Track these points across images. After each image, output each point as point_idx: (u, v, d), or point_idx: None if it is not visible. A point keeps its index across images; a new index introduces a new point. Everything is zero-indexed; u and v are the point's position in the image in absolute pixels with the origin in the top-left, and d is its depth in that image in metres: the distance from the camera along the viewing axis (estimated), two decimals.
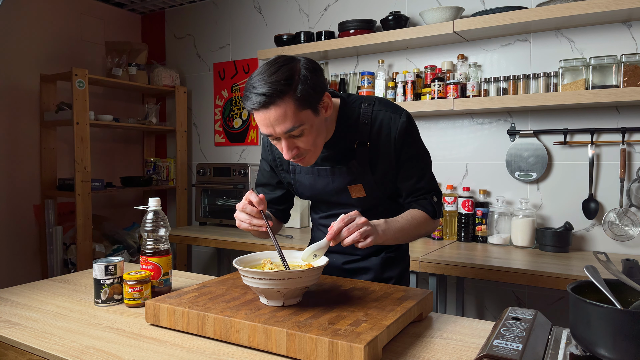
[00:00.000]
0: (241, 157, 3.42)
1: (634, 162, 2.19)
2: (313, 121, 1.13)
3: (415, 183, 1.31)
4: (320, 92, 1.13)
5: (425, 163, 1.33)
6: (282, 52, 2.88)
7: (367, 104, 1.29)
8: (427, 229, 1.32)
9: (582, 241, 2.30)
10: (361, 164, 1.28)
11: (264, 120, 1.10)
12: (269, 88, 1.06)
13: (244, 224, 1.18)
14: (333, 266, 1.46)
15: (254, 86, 1.08)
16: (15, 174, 3.05)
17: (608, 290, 0.81)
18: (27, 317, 1.18)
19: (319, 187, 1.35)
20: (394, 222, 1.22)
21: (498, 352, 0.78)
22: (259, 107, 1.08)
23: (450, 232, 2.50)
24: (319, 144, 1.19)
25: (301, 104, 1.09)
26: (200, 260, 3.65)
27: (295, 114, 1.09)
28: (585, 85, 2.13)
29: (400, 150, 1.27)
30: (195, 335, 1.03)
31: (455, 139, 2.62)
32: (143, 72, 3.46)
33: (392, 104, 1.31)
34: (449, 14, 2.40)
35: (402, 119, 1.26)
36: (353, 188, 1.32)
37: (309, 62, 1.13)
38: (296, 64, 1.11)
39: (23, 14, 3.07)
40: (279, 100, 1.07)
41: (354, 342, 0.84)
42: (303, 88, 1.08)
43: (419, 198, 1.33)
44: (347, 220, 1.08)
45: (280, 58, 1.11)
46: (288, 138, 1.13)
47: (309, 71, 1.11)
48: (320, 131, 1.18)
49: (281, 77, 1.07)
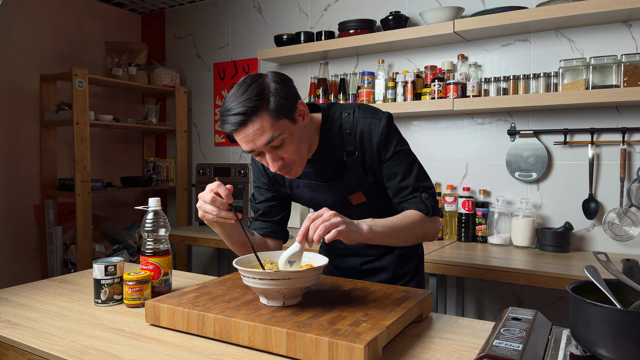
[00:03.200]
0: (241, 157, 3.42)
1: (634, 162, 2.19)
2: (292, 129, 1.15)
3: (399, 182, 1.27)
4: (292, 101, 1.15)
5: (408, 161, 1.28)
6: (282, 52, 2.88)
7: (347, 114, 1.29)
8: (424, 228, 1.25)
9: (582, 241, 2.30)
10: (356, 174, 1.29)
11: (244, 138, 1.12)
12: (243, 106, 1.09)
13: (209, 216, 1.14)
14: (351, 268, 1.47)
15: (229, 109, 1.11)
16: (15, 174, 3.05)
17: (608, 290, 0.81)
18: (27, 317, 1.18)
19: (319, 200, 1.36)
20: (384, 219, 1.19)
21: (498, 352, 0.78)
22: (237, 126, 1.10)
23: (450, 232, 2.50)
24: (303, 153, 1.20)
25: (276, 114, 1.11)
26: (200, 261, 3.65)
27: (272, 125, 1.11)
28: (585, 85, 2.13)
29: (381, 151, 1.26)
30: (195, 336, 1.03)
31: (455, 139, 2.62)
32: (143, 72, 3.46)
33: (372, 109, 1.30)
34: (449, 14, 2.40)
35: (382, 123, 1.25)
36: (353, 196, 1.33)
37: (276, 75, 1.16)
38: (264, 79, 1.13)
39: (23, 14, 3.07)
40: (254, 117, 1.09)
41: (354, 342, 0.84)
42: (275, 99, 1.11)
43: (407, 197, 1.28)
44: (314, 218, 1.05)
45: (248, 78, 1.14)
46: (271, 150, 1.15)
47: (278, 83, 1.13)
48: (302, 139, 1.19)
49: (252, 94, 1.09)
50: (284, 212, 1.45)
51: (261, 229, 1.41)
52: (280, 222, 1.44)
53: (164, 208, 3.43)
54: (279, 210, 1.43)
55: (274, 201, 1.42)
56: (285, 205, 1.45)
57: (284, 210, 1.44)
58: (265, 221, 1.41)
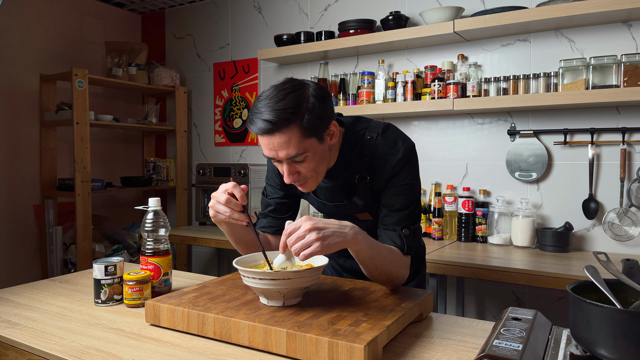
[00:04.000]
0: (241, 157, 3.42)
1: (634, 162, 2.19)
2: (317, 149, 1.12)
3: (389, 210, 1.22)
4: (327, 121, 1.13)
5: (408, 197, 1.22)
6: (282, 52, 2.88)
7: (369, 137, 1.25)
8: (399, 264, 1.18)
9: (582, 241, 2.30)
10: (364, 198, 1.28)
11: (268, 145, 1.09)
12: (275, 115, 1.04)
13: (221, 216, 1.12)
14: (356, 267, 1.46)
15: (260, 111, 1.06)
16: (15, 174, 3.05)
17: (608, 290, 0.81)
18: (27, 317, 1.18)
19: (326, 211, 1.38)
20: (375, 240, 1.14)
21: (498, 352, 0.78)
22: (263, 133, 1.07)
23: (450, 232, 2.50)
24: (321, 171, 1.18)
25: (307, 132, 1.08)
26: (200, 260, 3.65)
27: (299, 142, 1.08)
28: (586, 85, 2.13)
29: (389, 180, 1.23)
30: (195, 336, 1.03)
31: (455, 139, 2.62)
32: (143, 72, 3.46)
33: (394, 137, 1.25)
34: (449, 14, 2.40)
35: (398, 156, 1.21)
36: (359, 215, 1.34)
37: (318, 90, 1.11)
38: (305, 90, 1.09)
39: (23, 14, 3.07)
40: (284, 128, 1.06)
41: (354, 342, 0.84)
42: (310, 117, 1.07)
43: (387, 227, 1.22)
44: (290, 232, 1.01)
45: (289, 83, 1.10)
46: (290, 163, 1.13)
47: (317, 99, 1.09)
48: (324, 158, 1.17)
49: (288, 104, 1.05)
50: (293, 210, 1.46)
51: (270, 227, 1.41)
52: (291, 218, 1.46)
53: (164, 208, 3.44)
54: (289, 208, 1.44)
55: (286, 199, 1.42)
56: (296, 203, 1.46)
57: (293, 208, 1.46)
58: (274, 218, 1.41)
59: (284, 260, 1.11)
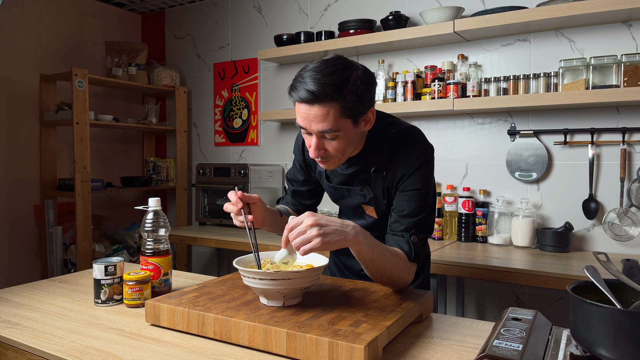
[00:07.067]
0: (241, 157, 3.42)
1: (634, 162, 2.19)
2: (349, 130, 1.13)
3: (399, 215, 1.21)
4: (367, 106, 1.14)
5: (420, 204, 1.21)
6: (282, 52, 2.88)
7: (393, 131, 1.25)
8: (403, 268, 1.16)
9: (582, 241, 2.30)
10: (374, 190, 1.29)
11: (304, 114, 1.10)
12: (319, 88, 1.06)
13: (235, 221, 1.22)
14: (357, 266, 1.47)
15: (305, 81, 1.08)
16: (15, 174, 3.05)
17: (608, 290, 0.81)
18: (27, 317, 1.18)
19: (337, 195, 1.40)
20: (378, 241, 1.13)
21: (498, 352, 0.78)
22: (303, 101, 1.09)
23: (450, 232, 2.50)
24: (347, 154, 1.19)
25: (345, 112, 1.09)
26: (200, 261, 3.65)
27: (335, 119, 1.09)
28: (586, 85, 2.13)
29: (401, 182, 1.23)
30: (195, 336, 1.03)
31: (455, 139, 2.62)
32: (143, 72, 3.46)
33: (415, 139, 1.25)
34: (449, 14, 2.40)
35: (412, 158, 1.21)
36: (366, 207, 1.35)
37: (365, 73, 1.13)
38: (353, 71, 1.10)
39: (23, 14, 3.07)
40: (325, 102, 1.07)
41: (354, 343, 0.84)
42: (352, 99, 1.08)
43: (396, 232, 1.21)
44: (292, 227, 1.02)
45: (340, 61, 1.11)
46: (320, 137, 1.14)
47: (363, 83, 1.11)
48: (353, 142, 1.18)
49: (335, 80, 1.07)
50: (314, 200, 1.50)
51: (293, 204, 1.49)
52: (310, 207, 1.51)
53: (164, 208, 3.44)
54: (309, 195, 1.49)
55: (305, 186, 1.47)
56: (315, 192, 1.49)
57: (314, 197, 1.50)
58: (297, 200, 1.49)
59: (285, 254, 1.12)
